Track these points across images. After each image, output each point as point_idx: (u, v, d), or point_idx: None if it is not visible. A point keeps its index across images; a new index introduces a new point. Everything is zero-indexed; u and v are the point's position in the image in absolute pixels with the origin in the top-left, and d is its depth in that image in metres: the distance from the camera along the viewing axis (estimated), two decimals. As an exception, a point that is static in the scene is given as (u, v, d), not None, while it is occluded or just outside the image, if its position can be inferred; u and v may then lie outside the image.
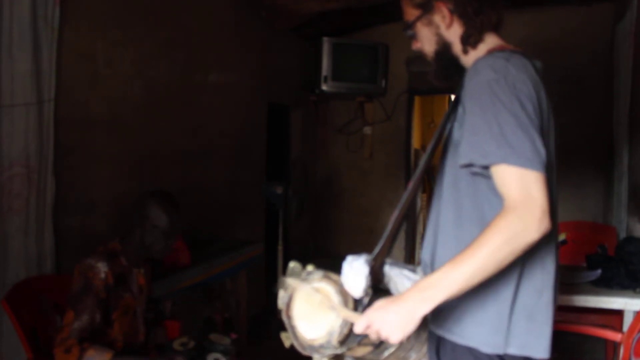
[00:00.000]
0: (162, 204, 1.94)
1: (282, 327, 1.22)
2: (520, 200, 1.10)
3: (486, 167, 1.18)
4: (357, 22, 4.92)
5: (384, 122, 5.16)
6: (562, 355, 1.33)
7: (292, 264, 1.24)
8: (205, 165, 3.59)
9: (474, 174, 1.24)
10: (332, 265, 1.27)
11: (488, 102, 1.16)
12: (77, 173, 2.55)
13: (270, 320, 4.08)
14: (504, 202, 1.13)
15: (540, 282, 1.27)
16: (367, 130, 5.20)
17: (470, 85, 1.22)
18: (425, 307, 1.12)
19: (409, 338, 1.18)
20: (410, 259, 5.22)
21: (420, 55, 1.46)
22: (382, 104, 5.12)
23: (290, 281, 1.21)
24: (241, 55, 4.01)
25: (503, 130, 1.13)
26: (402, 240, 5.09)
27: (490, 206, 1.24)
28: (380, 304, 1.15)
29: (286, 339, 1.22)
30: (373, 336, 1.15)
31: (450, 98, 7.09)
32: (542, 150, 1.13)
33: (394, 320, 1.12)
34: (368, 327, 1.14)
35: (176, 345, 2.04)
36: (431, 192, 1.53)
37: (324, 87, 4.47)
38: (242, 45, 4.02)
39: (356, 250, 1.24)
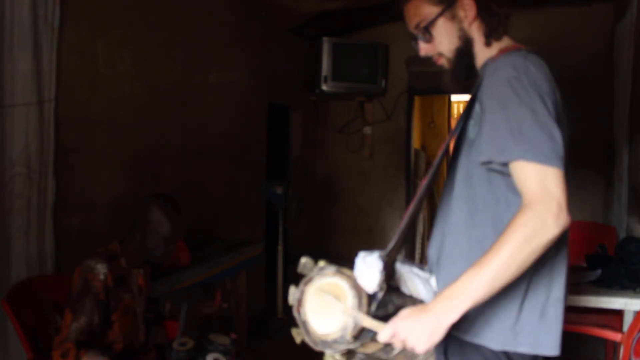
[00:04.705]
0: (165, 209, 1.92)
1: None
2: (538, 196, 1.09)
3: (505, 164, 1.17)
4: (357, 22, 4.91)
5: (384, 122, 5.16)
6: (562, 355, 1.32)
7: (304, 260, 1.21)
8: (205, 165, 3.59)
9: (491, 170, 1.23)
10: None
11: (507, 99, 1.16)
12: (77, 173, 2.55)
13: (270, 320, 4.08)
14: (523, 198, 1.12)
15: (549, 278, 1.26)
16: (367, 130, 5.20)
17: (490, 82, 1.22)
18: (453, 316, 1.11)
19: None
20: (410, 258, 5.21)
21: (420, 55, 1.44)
22: (382, 104, 5.12)
23: (302, 276, 1.18)
24: (241, 55, 4.01)
25: (521, 126, 1.13)
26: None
27: (507, 205, 1.23)
28: (406, 313, 1.14)
29: (297, 335, 1.20)
30: (398, 345, 1.13)
31: (449, 98, 7.10)
32: (561, 147, 1.12)
33: (422, 330, 1.11)
34: (393, 336, 1.12)
35: (176, 345, 2.04)
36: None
37: (324, 87, 4.47)
38: (242, 45, 4.02)
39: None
